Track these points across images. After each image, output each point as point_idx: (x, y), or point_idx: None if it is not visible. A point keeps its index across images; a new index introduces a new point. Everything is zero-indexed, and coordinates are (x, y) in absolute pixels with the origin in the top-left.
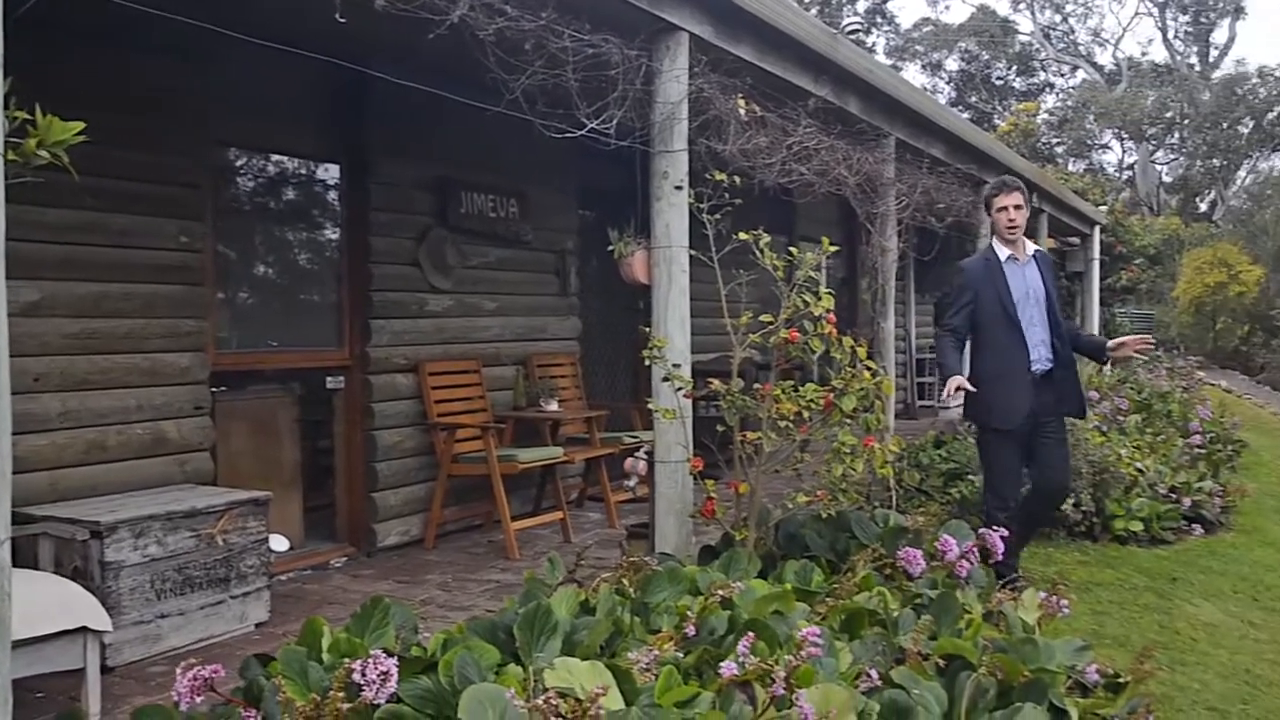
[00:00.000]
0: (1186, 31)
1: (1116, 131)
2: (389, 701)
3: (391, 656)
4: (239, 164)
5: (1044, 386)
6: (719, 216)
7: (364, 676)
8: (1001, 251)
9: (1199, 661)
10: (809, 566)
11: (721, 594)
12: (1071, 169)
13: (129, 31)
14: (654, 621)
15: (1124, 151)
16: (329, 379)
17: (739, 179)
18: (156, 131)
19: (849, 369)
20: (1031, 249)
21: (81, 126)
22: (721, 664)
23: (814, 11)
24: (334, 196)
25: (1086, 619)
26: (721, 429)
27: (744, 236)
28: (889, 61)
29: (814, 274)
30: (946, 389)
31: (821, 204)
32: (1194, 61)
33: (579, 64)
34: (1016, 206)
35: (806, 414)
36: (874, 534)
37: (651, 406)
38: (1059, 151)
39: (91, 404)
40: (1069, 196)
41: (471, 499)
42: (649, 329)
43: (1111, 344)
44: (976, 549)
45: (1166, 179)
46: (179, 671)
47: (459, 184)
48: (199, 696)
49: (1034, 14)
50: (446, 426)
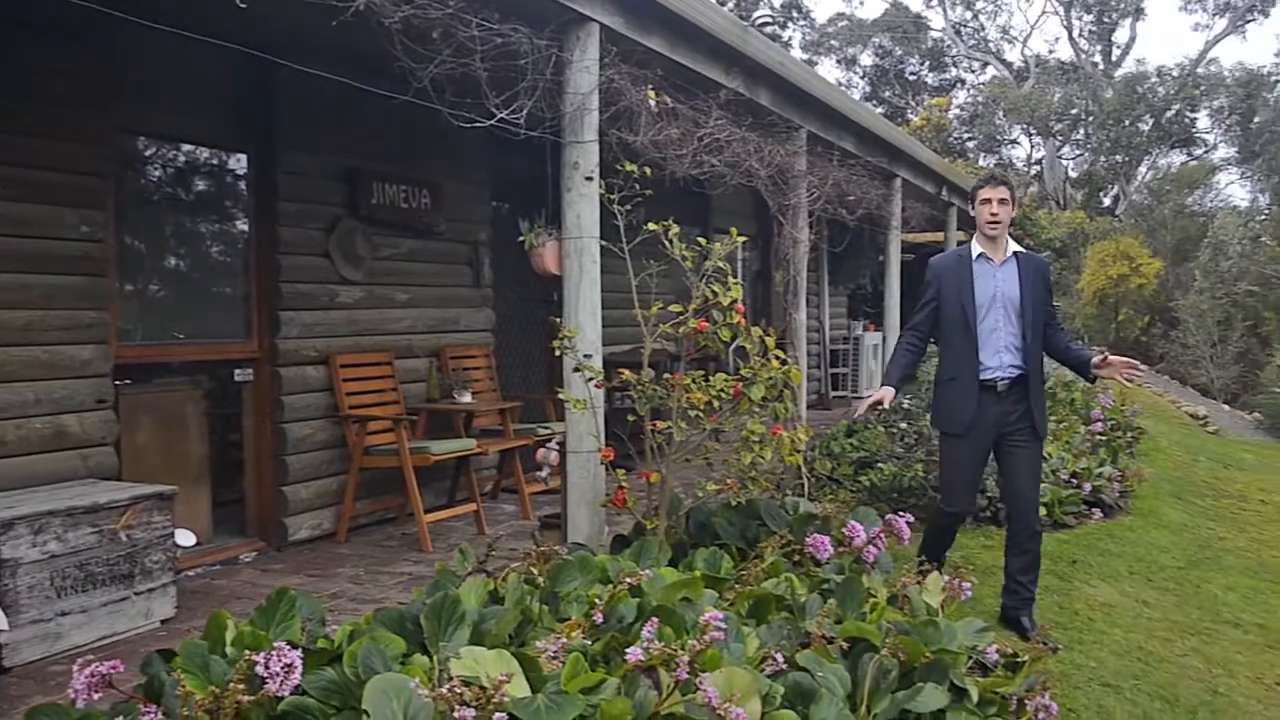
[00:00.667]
0: (1090, 30)
1: (1025, 127)
2: (293, 694)
3: (296, 648)
4: (145, 153)
5: (1008, 396)
6: (630, 208)
7: (267, 669)
8: (975, 249)
9: (1095, 640)
10: (718, 554)
11: (630, 582)
12: (982, 163)
13: (25, 12)
14: (563, 610)
15: (1032, 147)
16: (237, 371)
17: (650, 170)
18: (56, 118)
19: (758, 359)
20: (1012, 249)
21: None
22: (628, 650)
23: (729, 6)
24: (242, 186)
25: (990, 601)
26: (633, 419)
27: (653, 227)
28: (805, 56)
29: (722, 264)
30: (868, 400)
31: (737, 196)
32: (1098, 60)
33: (488, 53)
34: (1001, 201)
35: (716, 403)
36: (783, 521)
37: (563, 397)
38: (970, 146)
39: None
40: None
41: (384, 492)
42: (560, 320)
43: (1095, 360)
44: (883, 534)
45: (1072, 174)
46: (75, 668)
47: (370, 174)
48: (97, 694)
49: (945, 11)
50: (358, 419)
